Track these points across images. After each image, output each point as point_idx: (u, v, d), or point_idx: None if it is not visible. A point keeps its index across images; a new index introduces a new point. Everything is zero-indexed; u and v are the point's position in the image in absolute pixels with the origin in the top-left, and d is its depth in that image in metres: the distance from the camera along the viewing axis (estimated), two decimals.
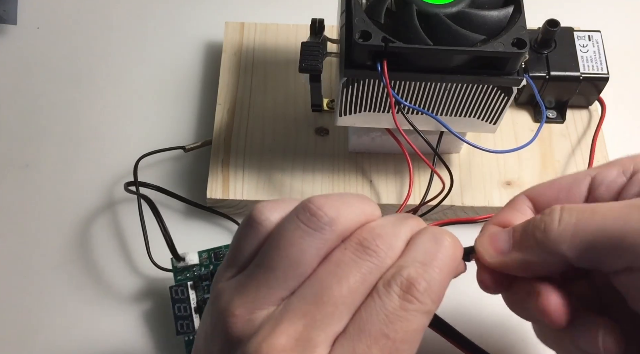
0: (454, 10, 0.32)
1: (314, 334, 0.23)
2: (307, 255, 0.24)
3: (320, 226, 0.24)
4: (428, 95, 0.35)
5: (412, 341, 0.23)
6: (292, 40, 0.48)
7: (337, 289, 0.23)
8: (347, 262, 0.24)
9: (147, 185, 0.42)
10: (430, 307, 0.24)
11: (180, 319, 0.37)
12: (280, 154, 0.43)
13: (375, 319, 0.23)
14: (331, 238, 0.24)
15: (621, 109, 0.47)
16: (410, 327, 0.23)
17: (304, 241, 0.24)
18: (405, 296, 0.23)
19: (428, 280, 0.24)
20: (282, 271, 0.24)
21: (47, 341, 0.39)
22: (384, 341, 0.22)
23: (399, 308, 0.23)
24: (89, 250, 0.42)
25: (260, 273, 0.24)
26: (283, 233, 0.24)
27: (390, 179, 0.42)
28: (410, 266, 0.24)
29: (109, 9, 0.52)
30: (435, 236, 0.25)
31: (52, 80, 0.49)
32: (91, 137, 0.46)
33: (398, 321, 0.23)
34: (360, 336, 0.23)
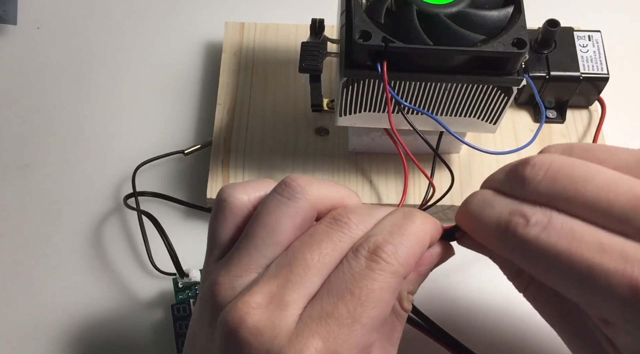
0: (454, 10, 0.32)
1: (286, 293, 0.24)
2: (282, 223, 0.26)
3: (294, 194, 0.26)
4: (428, 95, 0.35)
5: (378, 300, 0.24)
6: (292, 40, 0.48)
7: (309, 253, 0.25)
8: (320, 232, 0.26)
9: (145, 194, 0.42)
10: (397, 268, 0.25)
11: (182, 337, 0.37)
12: (280, 154, 0.43)
13: (342, 279, 0.24)
14: (304, 206, 0.26)
15: (621, 109, 0.47)
16: (375, 285, 0.24)
17: (279, 209, 0.26)
18: (371, 257, 0.25)
19: (395, 244, 0.25)
20: (260, 238, 0.26)
21: (47, 341, 0.39)
22: (349, 297, 0.24)
23: (364, 268, 0.24)
24: (89, 250, 0.42)
25: (242, 243, 0.26)
26: (263, 206, 0.27)
27: (390, 179, 0.42)
28: (378, 234, 0.25)
29: (109, 9, 0.52)
30: (404, 212, 0.27)
31: (52, 80, 0.49)
32: (91, 137, 0.46)
33: (362, 279, 0.24)
34: (328, 295, 0.24)
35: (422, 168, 0.39)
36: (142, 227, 0.40)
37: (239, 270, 0.26)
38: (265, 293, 0.24)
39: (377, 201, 0.42)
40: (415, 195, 0.42)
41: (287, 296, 0.24)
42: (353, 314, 0.23)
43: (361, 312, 0.24)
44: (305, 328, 0.23)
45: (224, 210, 0.28)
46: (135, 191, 0.42)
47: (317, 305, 0.24)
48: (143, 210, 0.40)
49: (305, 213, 0.26)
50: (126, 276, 0.41)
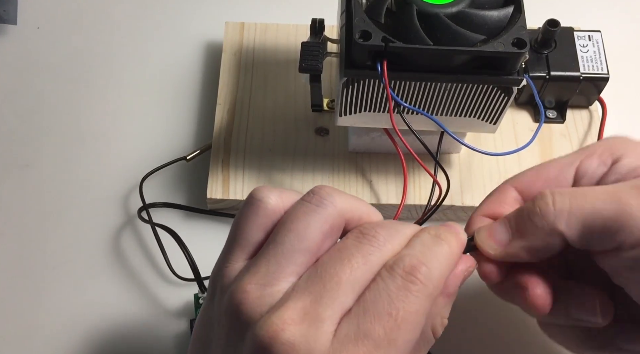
0: (454, 10, 0.32)
1: (320, 309, 0.24)
2: (310, 229, 0.26)
3: (322, 201, 0.26)
4: (428, 95, 0.35)
5: (413, 322, 0.24)
6: (292, 40, 0.48)
7: (340, 268, 0.25)
8: (349, 246, 0.26)
9: (155, 205, 0.42)
10: (431, 291, 0.25)
11: None
12: (280, 154, 0.43)
13: (379, 299, 0.24)
14: (332, 213, 0.26)
15: (621, 109, 0.47)
16: (412, 307, 0.24)
17: (308, 216, 0.26)
18: (407, 277, 0.25)
19: (429, 266, 0.25)
20: (289, 244, 0.25)
21: (47, 342, 0.39)
22: (387, 319, 0.24)
23: (401, 288, 0.24)
24: (90, 250, 0.42)
25: (270, 250, 0.26)
26: (291, 212, 0.27)
27: (390, 179, 0.42)
28: (411, 255, 0.25)
29: (109, 9, 0.52)
30: (435, 233, 0.27)
31: (52, 80, 0.49)
32: (91, 136, 0.46)
33: (400, 300, 0.24)
34: (365, 314, 0.24)
35: (425, 167, 0.39)
36: (158, 239, 0.40)
37: (268, 278, 0.25)
38: (299, 308, 0.24)
39: (377, 202, 0.42)
40: (416, 195, 0.42)
41: (322, 312, 0.24)
42: (390, 335, 0.23)
43: (397, 334, 0.24)
44: (342, 348, 0.23)
45: (257, 209, 0.27)
46: (146, 204, 0.41)
47: (354, 324, 0.24)
48: (160, 223, 0.40)
49: (334, 220, 0.26)
50: (126, 274, 0.41)
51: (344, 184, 0.42)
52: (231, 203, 0.42)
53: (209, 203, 0.42)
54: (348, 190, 0.42)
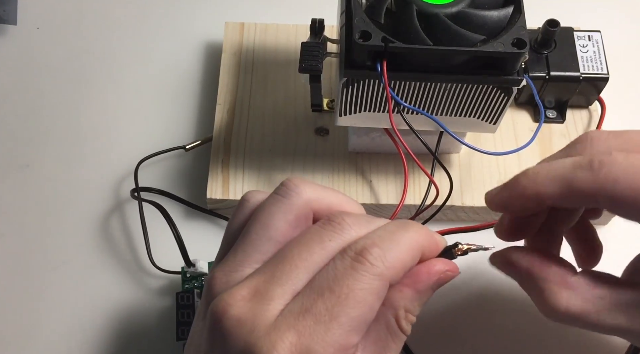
0: (454, 10, 0.32)
1: (270, 288, 0.24)
2: (275, 218, 0.26)
3: (288, 192, 0.27)
4: (428, 95, 0.35)
5: (359, 300, 0.24)
6: (292, 40, 0.48)
7: (297, 251, 0.25)
8: (312, 231, 0.26)
9: (150, 190, 0.42)
10: (382, 271, 0.24)
11: (183, 325, 0.37)
12: (280, 154, 0.43)
13: (325, 277, 0.24)
14: (297, 203, 0.27)
15: (621, 109, 0.47)
16: (357, 285, 0.24)
17: (272, 206, 0.27)
18: (356, 257, 0.25)
19: (383, 248, 0.25)
20: (254, 233, 0.26)
21: (47, 342, 0.39)
22: (328, 295, 0.24)
23: (348, 267, 0.24)
24: (90, 250, 0.42)
25: (239, 240, 0.27)
26: (260, 205, 0.27)
27: (390, 179, 0.42)
28: (367, 238, 0.25)
29: (109, 9, 0.52)
30: (399, 222, 0.27)
31: (52, 80, 0.49)
32: (91, 137, 0.46)
33: (344, 278, 0.24)
34: (310, 292, 0.24)
35: (423, 167, 0.39)
36: (142, 218, 0.41)
37: (234, 265, 0.26)
38: (252, 287, 0.25)
39: (377, 202, 0.42)
40: (416, 195, 0.42)
41: (271, 291, 0.24)
42: (331, 312, 0.23)
43: (339, 310, 0.23)
44: (283, 322, 0.24)
45: (242, 208, 0.28)
46: (138, 186, 0.42)
47: (298, 301, 0.24)
48: (152, 200, 0.40)
49: (299, 210, 0.27)
50: (129, 273, 0.41)
51: (344, 184, 0.42)
52: (231, 203, 0.42)
53: (209, 203, 0.42)
54: (348, 190, 0.42)
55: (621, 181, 0.25)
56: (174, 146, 0.44)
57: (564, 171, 0.27)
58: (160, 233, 0.40)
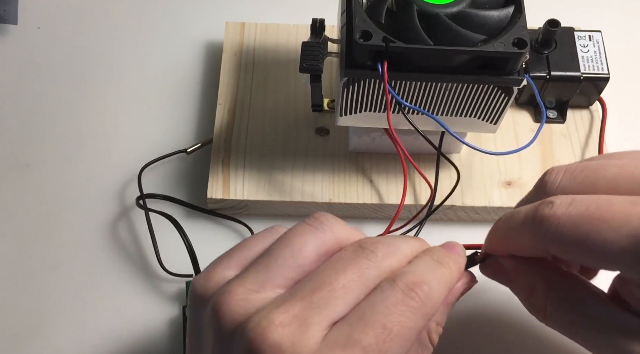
0: (455, 10, 0.32)
1: (309, 315, 0.24)
2: (306, 248, 0.26)
3: (322, 227, 0.27)
4: (428, 95, 0.35)
5: (406, 338, 0.24)
6: (292, 40, 0.48)
7: (335, 278, 0.25)
8: (345, 258, 0.26)
9: (155, 196, 0.42)
10: (429, 310, 0.25)
11: None
12: (280, 154, 0.43)
13: (376, 309, 0.24)
14: (330, 239, 0.27)
15: (622, 109, 0.47)
16: (407, 323, 0.24)
17: (305, 235, 0.26)
18: (408, 292, 0.24)
19: (430, 285, 0.25)
20: (283, 258, 0.26)
21: (47, 342, 0.39)
22: (381, 330, 0.23)
23: (400, 302, 0.24)
24: (90, 250, 0.42)
25: (263, 260, 0.26)
26: (290, 231, 0.27)
27: (390, 179, 0.42)
28: (413, 272, 0.26)
29: (109, 9, 0.52)
30: (437, 258, 0.27)
31: (52, 80, 0.49)
32: (91, 137, 0.46)
33: (397, 314, 0.24)
34: (359, 322, 0.24)
35: (421, 172, 0.39)
36: (151, 228, 0.40)
37: (256, 284, 0.25)
38: (289, 312, 0.24)
39: (377, 202, 0.42)
40: (416, 195, 0.42)
41: (310, 318, 0.24)
42: (381, 347, 0.23)
43: (389, 347, 0.23)
44: (329, 351, 0.23)
45: (270, 233, 0.28)
46: (143, 193, 0.41)
47: (345, 330, 0.24)
48: (160, 210, 0.40)
49: (331, 245, 0.27)
50: (130, 276, 0.41)
51: (344, 184, 0.42)
52: (231, 203, 0.42)
53: (209, 203, 0.42)
54: (348, 190, 0.42)
55: (560, 238, 0.25)
56: (175, 148, 0.44)
57: (515, 227, 0.27)
58: (162, 236, 0.41)
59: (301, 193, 0.42)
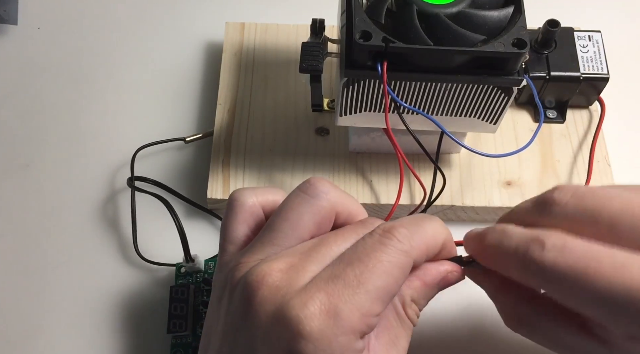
0: (454, 10, 0.32)
1: (306, 264, 0.26)
2: (304, 218, 0.28)
3: (317, 193, 0.28)
4: (428, 95, 0.35)
5: (385, 271, 0.25)
6: (292, 40, 0.48)
7: (333, 240, 0.27)
8: (348, 229, 0.28)
9: (147, 180, 0.42)
10: (408, 248, 0.26)
11: (174, 318, 0.38)
12: (280, 154, 0.43)
13: (354, 250, 0.26)
14: (326, 205, 0.28)
15: (621, 109, 0.47)
16: (384, 257, 0.25)
17: (302, 206, 0.28)
18: (384, 234, 0.26)
19: (410, 230, 0.26)
20: (283, 232, 0.27)
21: (47, 343, 0.39)
22: (357, 264, 0.25)
23: (377, 242, 0.26)
24: (90, 249, 0.42)
25: (266, 234, 0.28)
26: (286, 201, 0.29)
27: (390, 179, 0.42)
28: (396, 221, 0.27)
29: (109, 9, 0.52)
30: (426, 215, 0.29)
31: (52, 80, 0.49)
32: (91, 137, 0.46)
33: (373, 251, 0.25)
34: (339, 262, 0.26)
35: (415, 173, 0.40)
36: (133, 205, 0.41)
37: (263, 255, 0.27)
38: (288, 262, 0.26)
39: (377, 202, 0.42)
40: (413, 196, 0.42)
41: (307, 266, 0.26)
42: (359, 278, 0.25)
43: (367, 277, 0.25)
44: (313, 285, 0.25)
45: (234, 208, 0.30)
46: (133, 174, 0.42)
47: (328, 269, 0.26)
48: (154, 192, 0.40)
49: (326, 212, 0.28)
50: (129, 267, 0.41)
51: (344, 184, 0.42)
52: None
53: (209, 202, 0.42)
54: (348, 190, 0.42)
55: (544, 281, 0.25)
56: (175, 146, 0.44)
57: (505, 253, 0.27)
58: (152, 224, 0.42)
59: None
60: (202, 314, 0.38)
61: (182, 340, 0.38)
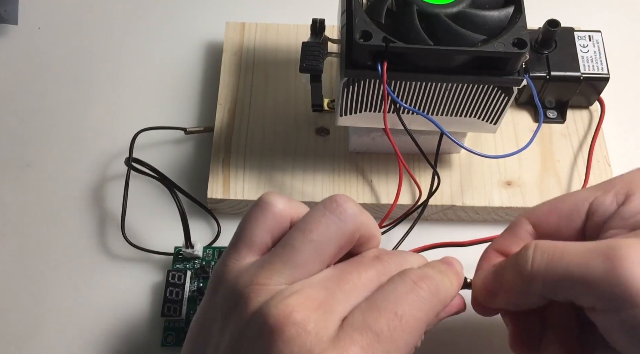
0: (455, 10, 0.32)
1: (334, 303, 0.25)
2: (331, 243, 0.26)
3: (345, 217, 0.26)
4: (428, 95, 0.35)
5: (415, 326, 0.25)
6: (292, 40, 0.48)
7: (357, 275, 0.26)
8: (366, 262, 0.27)
9: (145, 164, 0.40)
10: (435, 304, 0.26)
11: (169, 302, 0.38)
12: (280, 154, 0.43)
13: (388, 297, 0.25)
14: (350, 228, 0.27)
15: (621, 109, 0.47)
16: (416, 312, 0.25)
17: (328, 228, 0.26)
18: (418, 282, 0.26)
19: (438, 282, 0.27)
20: (307, 254, 0.26)
21: (47, 343, 0.39)
22: (392, 317, 0.24)
23: (410, 291, 0.25)
24: (90, 249, 0.42)
25: (287, 252, 0.26)
26: (309, 218, 0.27)
27: (390, 179, 0.42)
28: (422, 270, 0.27)
29: (109, 9, 0.52)
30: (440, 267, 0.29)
31: (52, 80, 0.49)
32: (91, 137, 0.46)
33: (407, 303, 0.25)
34: (372, 309, 0.25)
35: (411, 173, 0.40)
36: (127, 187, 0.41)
37: (283, 278, 0.26)
38: (314, 298, 0.25)
39: (377, 202, 0.42)
40: (414, 196, 0.42)
41: (334, 305, 0.25)
42: (392, 333, 0.24)
43: (400, 334, 0.24)
44: (346, 335, 0.24)
45: (265, 211, 0.28)
46: (131, 156, 0.41)
47: (359, 315, 0.25)
48: (153, 174, 0.39)
49: (352, 235, 0.27)
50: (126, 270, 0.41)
51: (344, 184, 0.42)
52: (232, 203, 0.42)
53: (210, 202, 0.42)
54: (348, 190, 0.42)
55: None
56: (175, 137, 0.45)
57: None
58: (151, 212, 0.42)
59: (301, 193, 0.42)
60: (197, 301, 0.39)
61: (175, 324, 0.38)
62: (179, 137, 0.46)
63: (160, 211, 0.42)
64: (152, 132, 0.45)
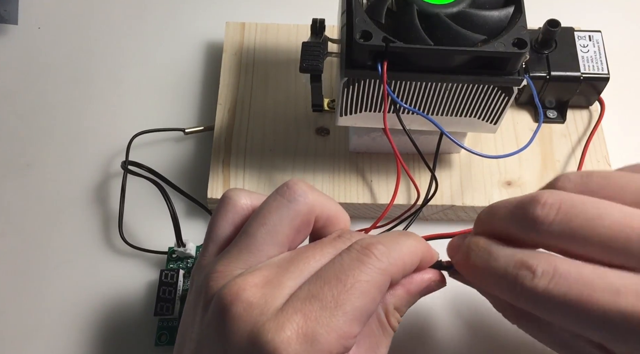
0: (455, 10, 0.32)
1: (283, 279, 0.25)
2: (283, 224, 0.27)
3: (295, 197, 0.27)
4: (428, 95, 0.35)
5: (363, 291, 0.25)
6: (292, 40, 0.48)
7: (312, 253, 0.27)
8: (326, 241, 0.28)
9: (142, 167, 0.41)
10: (386, 266, 0.25)
11: (162, 301, 0.38)
12: (280, 154, 0.43)
13: (332, 268, 0.25)
14: (304, 209, 0.27)
15: (621, 109, 0.47)
16: (362, 276, 0.25)
17: (280, 211, 0.27)
18: (362, 251, 0.26)
19: (388, 247, 0.26)
20: (261, 237, 0.27)
21: (44, 342, 0.39)
22: (335, 283, 0.24)
23: (355, 259, 0.25)
24: (90, 249, 0.42)
25: (242, 239, 0.27)
26: (264, 205, 0.28)
27: (390, 179, 0.42)
28: (372, 238, 0.27)
29: (109, 9, 0.52)
30: (403, 231, 0.29)
31: (53, 80, 0.49)
32: (91, 137, 0.46)
33: (350, 269, 0.25)
34: (317, 279, 0.25)
35: (409, 173, 0.40)
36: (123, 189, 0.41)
37: (239, 262, 0.27)
38: (264, 276, 0.25)
39: (377, 202, 0.42)
40: (412, 196, 0.42)
41: (284, 281, 0.25)
42: (337, 299, 0.24)
43: (345, 299, 0.24)
44: (290, 305, 0.24)
45: (226, 206, 0.29)
46: (128, 159, 0.41)
47: (305, 287, 0.25)
48: (147, 176, 0.40)
49: (304, 216, 0.27)
50: (126, 269, 0.41)
51: (344, 184, 0.42)
52: None
53: (210, 203, 0.42)
54: (348, 190, 0.42)
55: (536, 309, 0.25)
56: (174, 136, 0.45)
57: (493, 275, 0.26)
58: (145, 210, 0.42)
59: None
60: None
61: (168, 323, 0.38)
62: (178, 137, 0.46)
63: (158, 211, 0.42)
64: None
